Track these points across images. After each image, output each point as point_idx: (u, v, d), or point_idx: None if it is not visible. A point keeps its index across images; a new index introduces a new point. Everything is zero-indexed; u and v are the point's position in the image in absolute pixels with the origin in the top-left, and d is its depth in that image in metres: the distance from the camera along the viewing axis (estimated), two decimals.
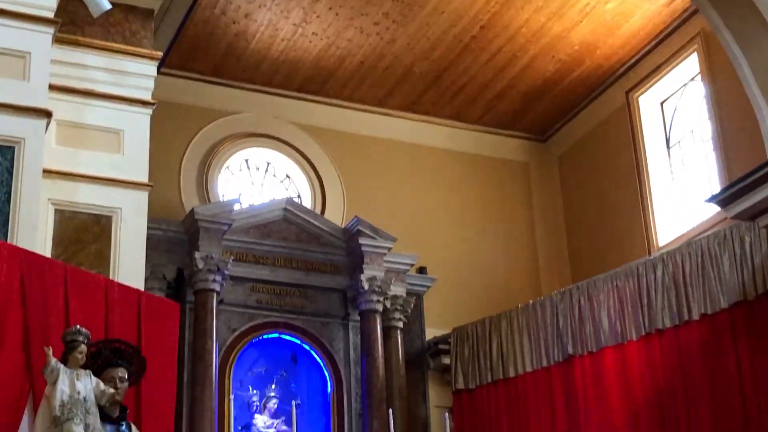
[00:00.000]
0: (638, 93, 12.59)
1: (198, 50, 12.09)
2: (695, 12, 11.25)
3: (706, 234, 10.34)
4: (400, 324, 11.74)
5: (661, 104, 12.54)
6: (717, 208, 10.26)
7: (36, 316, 6.96)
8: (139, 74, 9.38)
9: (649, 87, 12.49)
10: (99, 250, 8.46)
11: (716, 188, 10.59)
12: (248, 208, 11.75)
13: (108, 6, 8.51)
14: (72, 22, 9.14)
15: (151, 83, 9.43)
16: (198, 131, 12.32)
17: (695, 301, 9.86)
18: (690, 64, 11.94)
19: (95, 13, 8.55)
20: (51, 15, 8.43)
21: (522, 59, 12.46)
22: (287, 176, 12.93)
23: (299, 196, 12.74)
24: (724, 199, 9.60)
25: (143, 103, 9.27)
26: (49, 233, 8.33)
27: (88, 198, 8.61)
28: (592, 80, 12.92)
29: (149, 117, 9.30)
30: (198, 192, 12.08)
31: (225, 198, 12.17)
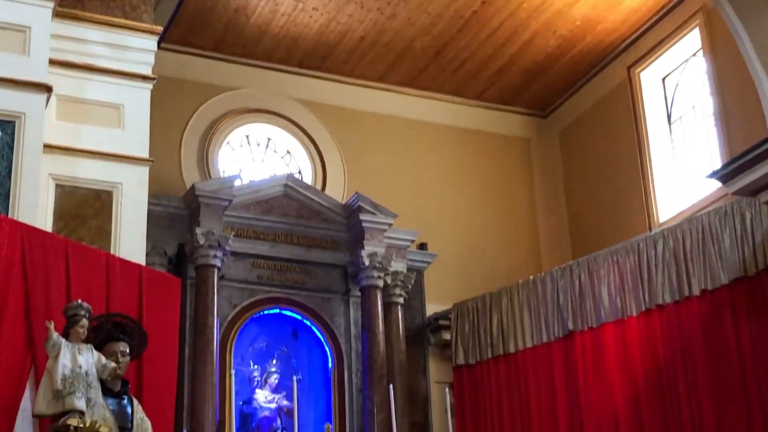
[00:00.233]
0: (640, 68, 12.55)
1: (198, 25, 12.04)
2: None
3: (707, 210, 10.33)
4: (401, 300, 11.75)
5: (663, 80, 12.50)
6: (718, 184, 10.25)
7: (37, 291, 6.98)
8: (140, 49, 9.35)
9: (651, 62, 12.45)
10: (100, 225, 8.47)
11: (717, 164, 10.56)
12: (249, 184, 11.74)
13: None
14: None
15: (152, 58, 9.40)
16: (198, 107, 12.29)
17: (696, 277, 9.87)
18: (692, 40, 11.89)
19: None
20: None
21: (523, 35, 12.41)
22: (288, 152, 12.91)
23: (300, 172, 12.72)
24: (725, 175, 9.59)
25: (143, 78, 9.25)
26: (50, 208, 8.34)
27: (89, 173, 8.61)
28: (594, 56, 12.88)
29: (149, 92, 9.28)
30: (199, 167, 12.06)
31: (226, 174, 12.15)
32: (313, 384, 11.41)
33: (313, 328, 11.46)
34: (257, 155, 12.82)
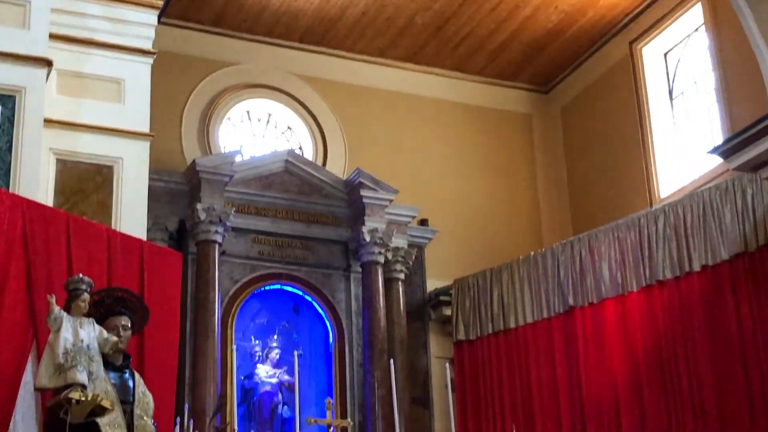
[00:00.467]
0: (641, 44, 12.50)
1: (198, 0, 11.99)
2: None
3: (708, 186, 10.33)
4: (402, 276, 11.77)
5: (665, 55, 12.45)
6: (719, 160, 10.25)
7: (39, 265, 6.98)
8: (140, 23, 9.33)
9: (653, 38, 12.39)
10: (101, 200, 8.47)
11: (719, 140, 10.54)
12: (250, 160, 11.73)
13: None
14: None
15: (152, 32, 9.38)
16: (199, 82, 12.25)
17: (696, 253, 9.88)
18: (694, 15, 11.83)
19: None
20: None
21: (524, 10, 12.35)
22: (288, 128, 12.89)
23: (300, 148, 12.70)
24: (727, 151, 9.60)
25: (144, 53, 9.23)
26: (51, 183, 8.35)
27: (90, 147, 8.61)
28: (595, 31, 12.82)
29: (150, 66, 9.27)
30: (199, 143, 12.04)
31: (226, 149, 12.13)
32: (314, 359, 11.44)
33: (314, 304, 11.48)
34: (258, 131, 12.80)
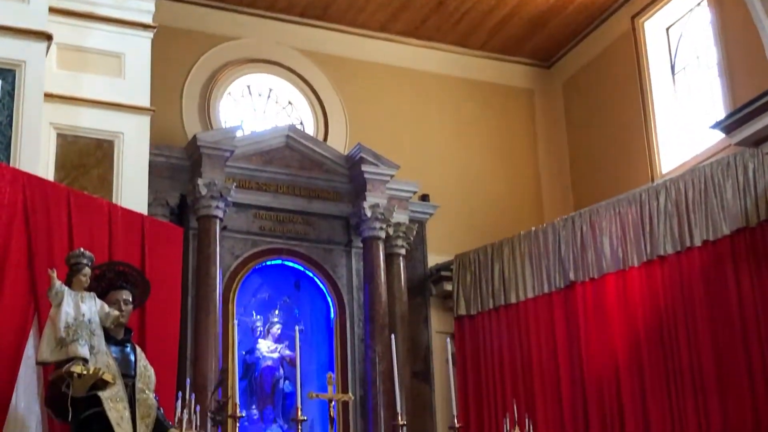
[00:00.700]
0: (644, 18, 12.44)
1: None
2: None
3: (710, 161, 10.31)
4: (403, 251, 11.77)
5: (667, 30, 12.40)
6: (721, 135, 10.23)
7: (40, 240, 6.99)
8: None
9: (655, 12, 12.33)
10: (101, 175, 8.47)
11: (721, 114, 10.50)
12: (250, 135, 11.71)
13: None
14: None
15: (152, 6, 9.33)
16: (200, 56, 12.20)
17: (697, 228, 9.87)
18: None
19: None
20: None
21: None
22: (289, 102, 12.86)
23: (302, 123, 12.67)
24: (729, 126, 9.58)
25: (144, 27, 9.19)
26: (52, 157, 8.34)
27: (90, 122, 8.60)
28: (597, 5, 12.75)
29: (150, 41, 9.24)
30: (200, 118, 12.02)
31: (227, 124, 12.11)
32: (316, 334, 11.46)
33: (315, 279, 11.48)
34: (259, 106, 12.77)
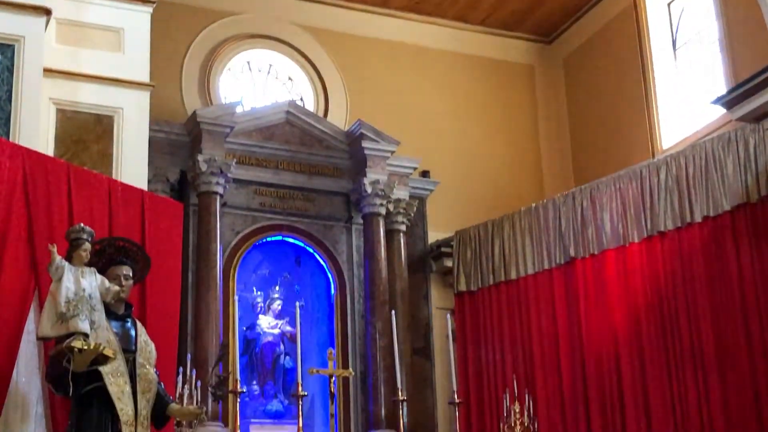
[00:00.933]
0: None
1: None
2: None
3: (711, 136, 10.29)
4: (403, 227, 11.77)
5: (668, 5, 12.35)
6: (722, 111, 10.21)
7: (40, 215, 6.97)
8: None
9: None
10: (101, 150, 8.45)
11: (722, 90, 10.48)
12: (251, 111, 11.68)
13: None
14: None
15: None
16: (199, 32, 12.16)
17: (698, 204, 9.86)
18: None
19: None
20: None
21: None
22: (289, 78, 12.82)
23: (302, 99, 12.64)
24: (730, 101, 9.56)
25: (143, 1, 9.14)
26: (51, 133, 8.32)
27: (90, 97, 8.57)
28: None
29: (149, 16, 9.19)
30: (200, 94, 11.99)
31: (227, 100, 12.08)
32: (316, 310, 11.48)
33: (316, 255, 11.49)
34: (259, 82, 12.73)
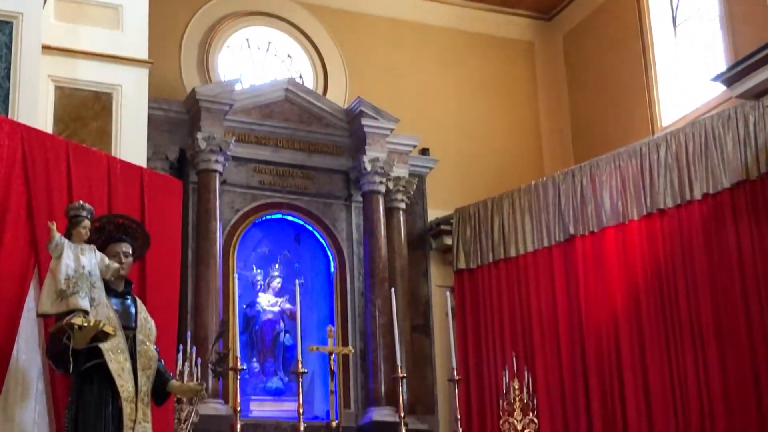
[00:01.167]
0: None
1: None
2: None
3: (710, 113, 10.29)
4: (403, 205, 11.78)
5: None
6: (722, 88, 10.20)
7: (39, 192, 6.95)
8: None
9: None
10: (100, 127, 8.44)
11: (722, 67, 10.46)
12: (250, 89, 11.66)
13: None
14: None
15: None
16: (198, 9, 12.14)
17: (697, 181, 9.87)
18: None
19: None
20: None
21: None
22: (289, 56, 12.79)
23: (301, 77, 12.62)
24: (730, 78, 9.55)
25: None
26: (50, 110, 8.30)
27: (88, 75, 8.54)
28: None
29: None
30: (199, 72, 11.96)
31: (226, 77, 12.06)
32: (316, 288, 11.50)
33: (315, 233, 11.50)
34: (257, 59, 12.70)
